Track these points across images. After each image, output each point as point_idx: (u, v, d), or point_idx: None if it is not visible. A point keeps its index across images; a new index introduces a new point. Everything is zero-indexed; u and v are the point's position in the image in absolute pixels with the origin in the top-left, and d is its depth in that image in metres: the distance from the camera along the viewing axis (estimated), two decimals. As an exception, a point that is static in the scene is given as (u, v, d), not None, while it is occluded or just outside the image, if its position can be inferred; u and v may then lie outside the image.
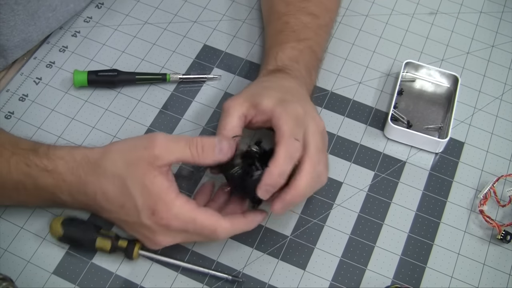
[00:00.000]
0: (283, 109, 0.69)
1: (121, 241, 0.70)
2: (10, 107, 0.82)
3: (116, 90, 0.85)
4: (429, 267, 0.74)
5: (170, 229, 0.66)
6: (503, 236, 0.76)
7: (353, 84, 0.88)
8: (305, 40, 0.81)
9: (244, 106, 0.71)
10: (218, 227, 0.66)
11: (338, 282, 0.72)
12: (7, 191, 0.70)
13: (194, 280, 0.71)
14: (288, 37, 0.81)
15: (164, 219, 0.65)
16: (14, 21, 0.79)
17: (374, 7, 0.96)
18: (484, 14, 0.97)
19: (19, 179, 0.67)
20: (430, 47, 0.93)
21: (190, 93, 0.85)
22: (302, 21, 0.83)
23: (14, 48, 0.82)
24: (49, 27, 0.86)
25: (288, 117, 0.69)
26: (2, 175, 0.68)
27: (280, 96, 0.71)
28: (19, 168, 0.67)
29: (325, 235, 0.75)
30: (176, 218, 0.65)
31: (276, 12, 0.85)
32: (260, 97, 0.71)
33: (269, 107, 0.70)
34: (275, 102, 0.70)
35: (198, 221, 0.65)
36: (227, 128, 0.70)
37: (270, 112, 0.70)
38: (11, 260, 0.71)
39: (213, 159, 0.66)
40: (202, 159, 0.66)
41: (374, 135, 0.84)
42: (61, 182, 0.67)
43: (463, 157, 0.83)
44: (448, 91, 0.88)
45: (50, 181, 0.67)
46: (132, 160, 0.65)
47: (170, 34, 0.91)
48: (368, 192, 0.79)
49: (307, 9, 0.84)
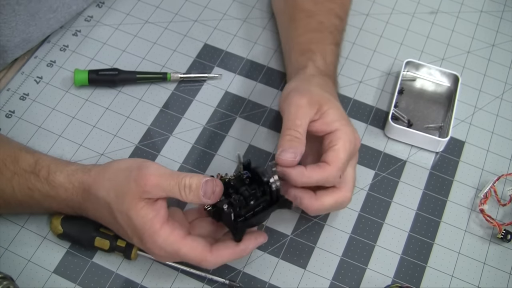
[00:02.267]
0: (348, 132, 0.69)
1: (119, 241, 0.70)
2: (11, 106, 0.82)
3: (117, 89, 0.85)
4: (430, 266, 0.74)
5: (159, 257, 0.67)
6: (503, 235, 0.76)
7: (354, 83, 0.88)
8: (338, 46, 0.82)
9: (314, 109, 0.70)
10: (203, 260, 0.65)
11: (339, 281, 0.72)
12: (12, 207, 0.71)
13: (194, 280, 0.71)
14: (327, 39, 0.81)
15: (151, 249, 0.65)
16: (15, 22, 0.79)
17: (375, 6, 0.96)
18: (485, 13, 0.97)
19: (23, 199, 0.69)
20: (431, 46, 0.93)
21: (191, 92, 0.85)
22: (334, 23, 0.83)
23: (14, 48, 0.83)
24: (50, 27, 0.86)
25: (349, 145, 0.69)
26: (6, 194, 0.69)
27: (343, 113, 0.72)
28: (22, 190, 0.68)
29: (325, 234, 0.75)
30: (161, 249, 0.65)
31: (304, 10, 0.84)
32: (328, 106, 0.70)
33: (336, 121, 0.70)
34: (341, 119, 0.70)
35: (182, 253, 0.65)
36: (303, 129, 0.69)
37: (335, 127, 0.69)
38: (11, 259, 0.71)
39: (198, 201, 0.64)
40: (190, 200, 0.64)
41: (375, 134, 0.84)
42: (64, 205, 0.69)
43: (464, 156, 0.83)
44: (449, 90, 0.88)
45: (54, 204, 0.69)
46: (122, 193, 0.64)
47: (171, 33, 0.91)
48: (368, 191, 0.79)
49: (335, 11, 0.84)
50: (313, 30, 0.82)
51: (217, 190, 0.64)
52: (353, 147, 0.70)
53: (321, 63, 0.78)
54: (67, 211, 0.70)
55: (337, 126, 0.69)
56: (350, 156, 0.69)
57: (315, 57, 0.78)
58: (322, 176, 0.67)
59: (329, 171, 0.67)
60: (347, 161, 0.69)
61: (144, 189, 0.63)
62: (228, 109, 0.84)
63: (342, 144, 0.68)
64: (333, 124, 0.69)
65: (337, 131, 0.69)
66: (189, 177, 0.64)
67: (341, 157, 0.68)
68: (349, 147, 0.69)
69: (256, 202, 0.66)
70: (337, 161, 0.68)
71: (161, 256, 0.66)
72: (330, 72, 0.79)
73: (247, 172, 0.68)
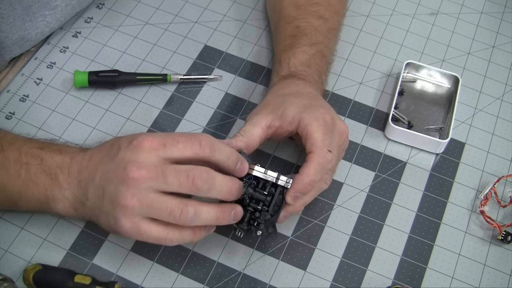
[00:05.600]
0: (312, 115, 0.70)
1: (98, 287, 0.68)
2: (11, 108, 0.82)
3: (117, 90, 0.85)
4: (430, 267, 0.74)
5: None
6: (503, 236, 0.76)
7: (354, 84, 0.88)
8: (316, 44, 0.81)
9: (269, 118, 0.71)
10: (166, 240, 0.64)
11: (339, 282, 0.72)
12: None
13: (194, 281, 0.71)
14: (299, 42, 0.81)
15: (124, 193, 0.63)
16: (12, 17, 0.79)
17: (375, 8, 0.96)
18: (485, 14, 0.97)
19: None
20: (431, 48, 0.93)
21: (191, 94, 0.85)
22: (313, 24, 0.83)
23: (12, 45, 0.82)
24: (48, 26, 0.85)
25: (317, 124, 0.69)
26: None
27: (304, 102, 0.71)
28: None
29: (325, 236, 0.75)
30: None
31: (286, 16, 0.85)
32: (283, 107, 0.71)
33: (295, 115, 0.70)
34: (301, 109, 0.70)
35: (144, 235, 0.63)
36: (248, 135, 0.70)
37: (297, 119, 0.70)
38: (12, 260, 0.71)
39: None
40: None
41: (375, 135, 0.84)
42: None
43: (464, 158, 0.83)
44: (449, 92, 0.88)
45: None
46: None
47: (171, 35, 0.91)
48: (368, 192, 0.79)
49: (318, 13, 0.84)
50: (288, 36, 0.83)
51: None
52: (324, 123, 0.69)
53: (284, 69, 0.79)
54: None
55: (298, 117, 0.70)
56: (326, 130, 0.69)
57: (280, 67, 0.80)
58: (316, 166, 0.68)
59: (317, 157, 0.68)
60: (326, 135, 0.69)
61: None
62: (229, 110, 0.84)
63: (311, 128, 0.69)
64: (294, 119, 0.70)
65: (301, 121, 0.69)
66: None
67: (315, 137, 0.68)
68: (317, 126, 0.69)
69: (273, 198, 0.67)
70: (316, 146, 0.68)
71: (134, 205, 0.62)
72: (297, 71, 0.78)
73: (251, 176, 0.68)
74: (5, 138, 0.70)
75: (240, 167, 0.66)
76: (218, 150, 0.64)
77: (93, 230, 0.73)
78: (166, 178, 0.61)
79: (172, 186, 0.61)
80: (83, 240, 0.73)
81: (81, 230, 0.73)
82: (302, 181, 0.67)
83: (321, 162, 0.68)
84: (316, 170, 0.68)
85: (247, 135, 0.70)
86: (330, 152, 0.69)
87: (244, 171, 0.66)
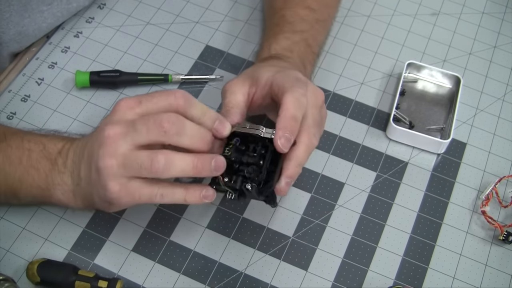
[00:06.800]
0: (284, 75, 0.68)
1: (101, 282, 0.68)
2: (12, 108, 0.82)
3: (118, 90, 0.85)
4: (431, 267, 0.74)
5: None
6: (505, 236, 0.76)
7: (355, 84, 0.88)
8: (300, 32, 0.81)
9: (246, 85, 0.69)
10: (157, 196, 0.62)
11: (340, 282, 0.72)
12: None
13: (196, 281, 0.71)
14: (283, 29, 0.81)
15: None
16: (9, 12, 0.79)
17: (376, 8, 0.96)
18: (486, 15, 0.97)
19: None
20: (432, 48, 0.93)
21: (192, 94, 0.84)
22: (299, 14, 0.82)
23: (9, 41, 0.82)
24: (46, 22, 0.85)
25: (289, 79, 0.67)
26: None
27: (278, 68, 0.70)
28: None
29: (327, 236, 0.75)
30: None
31: (273, 8, 0.85)
32: (258, 73, 0.70)
33: (269, 77, 0.69)
34: (274, 72, 0.69)
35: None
36: (232, 104, 0.68)
37: (270, 81, 0.68)
38: (13, 260, 0.71)
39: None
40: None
41: (376, 136, 0.84)
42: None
43: (465, 158, 0.83)
44: (450, 92, 0.88)
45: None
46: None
47: (172, 35, 0.91)
48: (370, 192, 0.79)
49: (305, 3, 0.84)
50: (273, 25, 0.83)
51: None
52: (296, 79, 0.68)
53: (265, 53, 0.78)
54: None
55: (271, 79, 0.68)
56: (299, 84, 0.67)
57: (261, 52, 0.79)
58: (292, 101, 0.65)
59: (290, 95, 0.65)
60: (297, 84, 0.67)
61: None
62: (230, 110, 0.84)
63: (283, 83, 0.67)
64: (268, 81, 0.68)
65: (273, 82, 0.68)
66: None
67: (287, 86, 0.66)
68: (289, 80, 0.67)
69: (264, 160, 0.65)
70: (287, 88, 0.66)
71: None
72: (278, 54, 0.78)
73: (238, 139, 0.66)
74: (9, 129, 0.71)
75: (218, 125, 0.64)
76: (194, 104, 0.63)
77: (94, 230, 0.73)
78: (135, 127, 0.61)
79: (140, 133, 0.60)
80: (85, 240, 0.73)
81: (83, 230, 0.73)
82: (285, 117, 0.64)
83: (295, 97, 0.65)
84: (293, 103, 0.65)
85: (234, 105, 0.68)
86: (301, 90, 0.66)
87: (224, 130, 0.64)
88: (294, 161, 0.65)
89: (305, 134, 0.66)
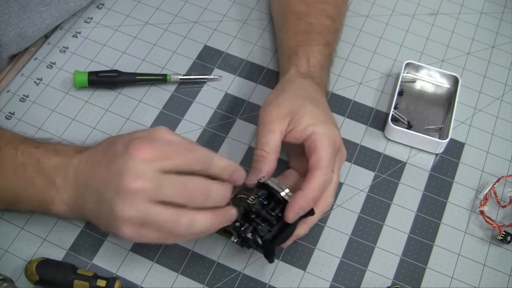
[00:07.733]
0: (325, 132, 0.69)
1: (99, 281, 0.68)
2: (11, 108, 0.82)
3: (117, 90, 0.85)
4: (430, 267, 0.74)
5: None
6: (503, 236, 0.76)
7: (354, 84, 0.88)
8: (329, 46, 0.82)
9: (286, 121, 0.71)
10: (168, 241, 0.65)
11: (339, 282, 0.72)
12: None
13: (194, 281, 0.71)
14: (315, 39, 0.81)
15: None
16: (8, 15, 0.79)
17: (375, 8, 0.96)
18: (485, 14, 0.97)
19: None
20: (431, 48, 0.93)
21: (191, 94, 0.85)
22: (324, 24, 0.83)
23: (9, 43, 0.82)
24: (44, 23, 0.85)
25: (328, 142, 0.69)
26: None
27: (320, 114, 0.72)
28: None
29: (325, 236, 0.75)
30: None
31: (295, 12, 0.84)
32: (301, 113, 0.71)
33: (309, 125, 0.70)
34: (316, 121, 0.70)
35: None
36: (271, 147, 0.70)
37: (310, 131, 0.69)
38: (11, 261, 0.71)
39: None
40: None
41: (375, 135, 0.84)
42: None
43: (464, 158, 0.83)
44: (449, 92, 0.88)
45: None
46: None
47: (171, 35, 0.91)
48: (368, 192, 0.79)
49: (327, 12, 0.84)
50: (302, 32, 0.82)
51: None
52: (333, 143, 0.70)
53: (304, 65, 0.78)
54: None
55: (311, 129, 0.69)
56: (333, 151, 0.69)
57: (298, 61, 0.79)
58: (320, 183, 0.67)
59: (322, 174, 0.67)
60: (332, 156, 0.69)
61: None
62: (228, 110, 0.84)
63: (320, 144, 0.68)
64: (307, 129, 0.70)
65: (313, 134, 0.69)
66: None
67: (323, 155, 0.68)
68: (327, 144, 0.69)
69: (278, 222, 0.66)
70: (322, 163, 0.68)
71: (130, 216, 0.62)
72: (314, 73, 0.78)
73: (264, 192, 0.67)
74: (3, 137, 0.70)
75: (235, 177, 0.65)
76: (215, 165, 0.64)
77: (93, 230, 0.73)
78: (162, 190, 0.61)
79: (169, 197, 0.62)
80: (83, 240, 0.73)
81: (81, 230, 0.73)
82: (306, 197, 0.66)
83: (325, 180, 0.68)
84: (319, 186, 0.67)
85: (271, 150, 0.69)
86: (332, 172, 0.69)
87: (239, 179, 0.65)
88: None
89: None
